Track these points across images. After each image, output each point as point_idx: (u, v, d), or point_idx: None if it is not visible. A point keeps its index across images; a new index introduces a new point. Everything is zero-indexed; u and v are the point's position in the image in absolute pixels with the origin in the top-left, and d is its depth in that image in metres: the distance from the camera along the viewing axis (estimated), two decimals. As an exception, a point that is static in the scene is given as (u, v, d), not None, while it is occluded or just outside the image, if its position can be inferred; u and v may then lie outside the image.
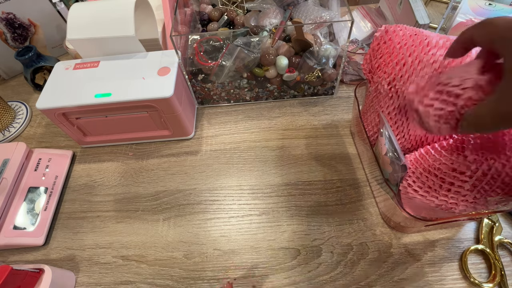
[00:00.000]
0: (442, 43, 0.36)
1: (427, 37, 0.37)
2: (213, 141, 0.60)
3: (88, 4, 0.53)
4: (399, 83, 0.38)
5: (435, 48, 0.36)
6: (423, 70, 0.36)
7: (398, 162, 0.37)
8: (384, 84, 0.39)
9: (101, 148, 0.61)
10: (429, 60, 0.35)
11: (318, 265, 0.45)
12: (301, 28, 0.53)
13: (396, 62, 0.37)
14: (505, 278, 0.42)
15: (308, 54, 0.56)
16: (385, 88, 0.39)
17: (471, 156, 0.32)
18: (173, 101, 0.50)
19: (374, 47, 0.41)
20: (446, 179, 0.35)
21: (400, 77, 0.37)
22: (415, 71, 0.36)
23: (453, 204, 0.35)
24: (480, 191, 0.33)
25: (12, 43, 0.71)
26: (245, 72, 0.58)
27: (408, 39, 0.37)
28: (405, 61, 0.37)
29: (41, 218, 0.50)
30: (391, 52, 0.38)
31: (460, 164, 0.33)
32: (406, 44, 0.37)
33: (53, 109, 0.51)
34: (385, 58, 0.39)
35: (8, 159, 0.53)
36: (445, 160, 0.35)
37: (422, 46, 0.36)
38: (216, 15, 0.66)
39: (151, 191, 0.54)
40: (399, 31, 0.38)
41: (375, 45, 0.41)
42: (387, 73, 0.39)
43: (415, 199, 0.38)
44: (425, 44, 0.36)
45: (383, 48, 0.39)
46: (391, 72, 0.38)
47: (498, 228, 0.45)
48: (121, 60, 0.54)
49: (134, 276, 0.46)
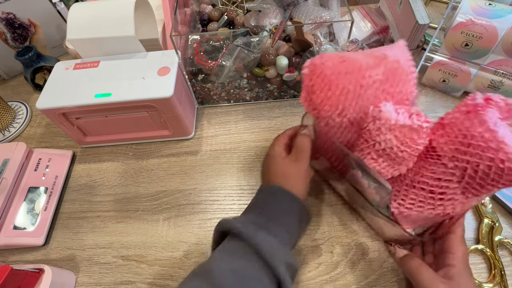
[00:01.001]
0: (373, 63, 0.35)
1: (356, 60, 0.36)
2: (213, 141, 0.60)
3: (88, 4, 0.53)
4: (349, 112, 0.36)
5: (368, 69, 0.35)
6: (367, 92, 0.35)
7: (384, 189, 0.36)
8: (334, 117, 0.37)
9: (101, 148, 0.61)
10: (369, 82, 0.35)
11: (318, 265, 0.45)
12: (301, 28, 0.54)
13: (339, 93, 0.36)
14: (505, 278, 0.41)
15: (308, 54, 0.56)
16: (337, 120, 0.37)
17: (450, 163, 0.32)
18: (173, 101, 0.50)
19: (307, 84, 0.38)
20: (435, 190, 0.34)
21: (348, 106, 0.36)
22: (360, 96, 0.35)
23: (451, 209, 0.34)
24: (473, 190, 0.32)
25: (12, 43, 0.71)
26: (245, 72, 0.58)
27: (340, 67, 0.35)
28: (347, 89, 0.35)
29: (41, 218, 0.50)
30: (330, 84, 0.36)
31: (443, 173, 0.33)
32: (340, 72, 0.35)
33: (53, 109, 0.51)
34: (326, 92, 0.36)
35: (8, 159, 0.53)
36: (426, 172, 0.34)
37: (356, 71, 0.35)
38: (216, 15, 0.66)
39: (151, 191, 0.54)
40: (326, 61, 0.36)
41: (308, 82, 0.38)
42: (334, 106, 0.37)
43: (410, 216, 0.37)
44: (357, 68, 0.35)
45: (318, 82, 0.36)
46: (338, 104, 0.36)
47: (498, 228, 0.45)
48: (121, 60, 0.54)
49: (134, 276, 0.46)
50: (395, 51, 0.36)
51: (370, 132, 0.34)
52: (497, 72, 0.54)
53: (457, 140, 0.31)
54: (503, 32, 0.50)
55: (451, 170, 0.32)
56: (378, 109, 0.33)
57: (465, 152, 0.30)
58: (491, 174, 0.29)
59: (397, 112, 0.33)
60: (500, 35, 0.50)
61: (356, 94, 0.35)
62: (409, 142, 0.32)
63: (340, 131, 0.38)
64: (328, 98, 0.36)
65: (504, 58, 0.53)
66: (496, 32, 0.51)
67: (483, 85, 0.57)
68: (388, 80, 0.35)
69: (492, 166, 0.29)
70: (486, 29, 0.51)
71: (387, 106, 0.33)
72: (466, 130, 0.31)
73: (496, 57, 0.53)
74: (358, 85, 0.35)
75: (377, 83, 0.35)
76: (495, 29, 0.50)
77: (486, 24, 0.51)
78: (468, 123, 0.31)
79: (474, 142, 0.30)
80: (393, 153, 0.33)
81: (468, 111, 0.32)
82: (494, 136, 0.29)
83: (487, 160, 0.29)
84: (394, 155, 0.33)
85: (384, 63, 0.35)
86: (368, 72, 0.35)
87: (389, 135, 0.32)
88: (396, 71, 0.35)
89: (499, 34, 0.50)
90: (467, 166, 0.31)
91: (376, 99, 0.35)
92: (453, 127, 0.32)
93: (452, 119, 0.33)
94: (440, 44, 0.58)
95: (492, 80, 0.55)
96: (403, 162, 0.34)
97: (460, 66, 0.56)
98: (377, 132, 0.33)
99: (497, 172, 0.29)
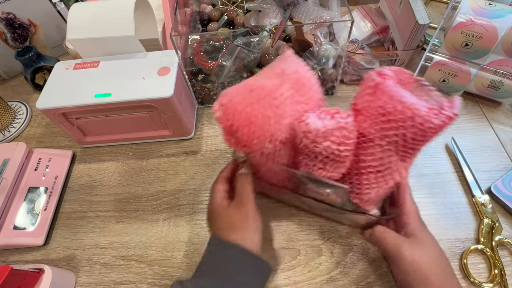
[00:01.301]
0: (278, 82, 0.35)
1: (263, 85, 0.35)
2: (213, 141, 0.60)
3: (88, 4, 0.53)
4: (278, 134, 0.36)
5: (277, 89, 0.35)
6: (285, 110, 0.35)
7: (342, 189, 0.37)
8: (267, 145, 0.36)
9: (101, 148, 0.61)
10: (283, 101, 0.35)
11: (318, 265, 0.45)
12: (301, 28, 0.54)
13: (261, 123, 0.35)
14: (505, 278, 0.41)
15: (308, 54, 0.56)
16: (270, 147, 0.37)
17: (382, 142, 0.34)
18: (173, 101, 0.50)
19: (226, 125, 0.36)
20: (381, 169, 0.36)
21: (274, 129, 0.36)
22: (281, 116, 0.35)
23: (398, 176, 0.37)
24: (409, 154, 0.35)
25: (12, 43, 0.71)
26: (245, 72, 0.58)
27: (250, 98, 0.35)
28: (267, 116, 0.35)
29: (41, 218, 0.50)
30: (249, 118, 0.35)
31: (381, 152, 0.35)
32: (253, 103, 0.35)
33: (53, 109, 0.51)
34: (248, 127, 0.35)
35: (8, 159, 0.53)
36: (367, 157, 0.36)
37: (267, 95, 0.35)
38: (216, 15, 0.66)
39: (151, 191, 0.54)
40: (234, 98, 0.35)
41: (225, 124, 0.36)
42: (262, 136, 0.35)
43: (371, 198, 0.40)
44: (267, 92, 0.35)
45: (236, 121, 0.35)
46: (265, 132, 0.35)
47: (498, 228, 0.45)
48: (121, 60, 0.54)
49: (134, 276, 0.46)
50: (289, 64, 0.37)
51: (307, 147, 0.35)
52: (497, 72, 0.54)
53: (379, 120, 0.34)
54: (503, 32, 0.50)
55: (386, 147, 0.34)
56: (304, 123, 0.34)
57: (390, 128, 0.33)
58: (417, 137, 0.32)
59: (321, 118, 0.34)
60: (500, 35, 0.50)
61: (276, 116, 0.35)
62: (345, 140, 0.34)
63: (277, 154, 0.38)
64: (253, 132, 0.35)
65: (504, 58, 0.53)
66: (496, 32, 0.51)
67: (483, 85, 0.57)
68: (297, 91, 0.36)
69: (416, 130, 0.32)
70: (486, 29, 0.51)
71: (310, 117, 0.34)
72: (381, 109, 0.33)
73: (496, 57, 0.53)
74: (274, 108, 0.35)
75: (289, 98, 0.35)
76: (495, 29, 0.50)
77: (486, 24, 0.51)
78: (380, 102, 0.34)
79: (393, 117, 0.33)
80: (336, 156, 0.35)
81: (374, 91, 0.35)
82: (405, 106, 0.32)
83: (410, 128, 0.32)
84: (337, 157, 0.35)
85: (287, 78, 0.36)
86: (278, 92, 0.35)
87: (326, 143, 0.33)
88: (299, 81, 0.36)
89: (499, 34, 0.50)
90: (397, 139, 0.33)
91: (295, 112, 0.36)
92: (369, 110, 0.35)
93: (364, 103, 0.36)
94: (440, 44, 0.58)
95: (492, 80, 0.55)
96: (347, 158, 0.36)
97: (460, 66, 0.56)
98: (313, 145, 0.34)
99: (421, 133, 0.32)
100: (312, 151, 0.35)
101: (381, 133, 0.34)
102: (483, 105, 0.60)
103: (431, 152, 0.54)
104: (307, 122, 0.34)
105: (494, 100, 0.60)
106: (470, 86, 0.58)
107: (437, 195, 0.50)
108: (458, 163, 0.52)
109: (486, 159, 0.53)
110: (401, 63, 0.61)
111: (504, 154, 0.53)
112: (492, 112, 0.59)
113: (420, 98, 0.33)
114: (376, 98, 0.34)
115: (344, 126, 0.33)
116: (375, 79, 0.35)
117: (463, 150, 0.53)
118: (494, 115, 0.58)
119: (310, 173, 0.37)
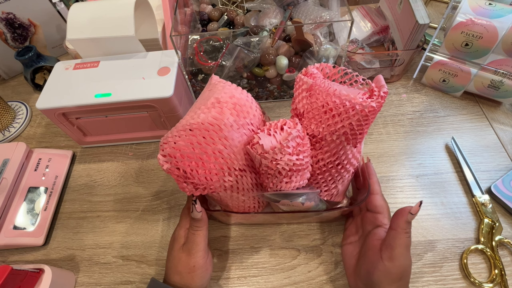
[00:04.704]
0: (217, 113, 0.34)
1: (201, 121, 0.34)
2: (213, 141, 0.60)
3: (88, 4, 0.53)
4: (236, 164, 0.36)
5: (217, 120, 0.34)
6: (233, 138, 0.35)
7: (312, 194, 0.38)
8: (226, 180, 0.36)
9: (101, 148, 0.61)
10: (228, 129, 0.34)
11: (318, 265, 0.45)
12: (301, 28, 0.54)
13: (214, 159, 0.34)
14: (505, 278, 0.41)
15: (308, 54, 0.56)
16: (230, 179, 0.36)
17: (334, 136, 0.35)
18: (173, 101, 0.50)
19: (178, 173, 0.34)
20: (340, 161, 0.38)
21: (230, 161, 0.35)
22: (231, 145, 0.35)
23: (356, 162, 0.39)
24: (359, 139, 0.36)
25: (12, 43, 0.71)
26: (245, 72, 0.58)
27: (195, 138, 0.33)
28: (218, 150, 0.34)
29: (41, 218, 0.50)
30: (199, 160, 0.34)
31: (335, 147, 0.36)
32: (199, 142, 0.33)
33: (53, 109, 0.51)
34: (202, 170, 0.34)
35: (8, 159, 0.53)
36: (324, 155, 0.37)
37: (211, 129, 0.34)
38: (216, 15, 0.66)
39: (151, 191, 0.54)
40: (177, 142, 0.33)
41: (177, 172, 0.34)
42: (219, 173, 0.35)
43: (339, 190, 0.42)
44: (210, 127, 0.34)
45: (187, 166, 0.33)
46: (221, 168, 0.35)
47: (498, 228, 0.45)
48: (121, 60, 0.54)
49: (134, 276, 0.46)
50: (220, 91, 0.36)
51: (267, 167, 0.35)
52: (497, 72, 0.54)
53: (324, 117, 0.35)
54: (503, 32, 0.50)
55: (337, 140, 0.36)
56: (258, 145, 0.34)
57: (336, 122, 0.34)
58: (362, 122, 0.34)
59: (271, 135, 0.34)
60: (500, 35, 0.50)
61: (227, 146, 0.35)
62: (302, 148, 0.35)
63: (240, 183, 0.38)
64: (209, 171, 0.34)
65: (504, 58, 0.53)
66: (496, 32, 0.51)
67: (483, 85, 0.57)
68: (239, 115, 0.36)
69: (359, 117, 0.33)
70: (486, 29, 0.51)
71: (261, 137, 0.34)
72: (324, 107, 0.35)
73: (496, 57, 0.53)
74: (223, 139, 0.34)
75: (233, 125, 0.35)
76: (495, 29, 0.50)
77: (486, 24, 0.51)
78: (319, 102, 0.35)
79: (336, 112, 0.34)
80: (298, 166, 0.35)
81: (310, 93, 0.36)
82: (343, 98, 0.33)
83: (354, 116, 0.33)
84: (300, 166, 0.35)
85: (224, 106, 0.35)
86: (219, 123, 0.34)
87: (285, 157, 0.34)
88: (237, 105, 0.36)
89: (499, 34, 0.50)
90: (345, 129, 0.34)
91: (244, 136, 0.36)
92: (311, 111, 0.36)
93: (305, 106, 0.37)
94: (440, 44, 0.58)
95: (492, 80, 0.55)
96: (308, 164, 0.37)
97: (460, 66, 0.56)
98: (274, 163, 0.34)
99: (364, 118, 0.33)
100: (274, 169, 0.35)
101: (329, 129, 0.35)
102: (483, 105, 0.60)
103: (431, 152, 0.54)
104: (261, 144, 0.33)
105: (494, 100, 0.59)
106: (470, 86, 0.58)
107: (437, 195, 0.50)
108: (458, 163, 0.52)
109: (486, 159, 0.53)
110: (401, 63, 0.61)
111: (504, 154, 0.53)
112: (492, 112, 0.59)
113: (350, 86, 0.37)
114: (315, 99, 0.36)
115: (296, 135, 0.34)
116: (307, 81, 0.37)
117: (463, 150, 0.53)
118: (494, 115, 0.58)
119: (279, 190, 0.37)
